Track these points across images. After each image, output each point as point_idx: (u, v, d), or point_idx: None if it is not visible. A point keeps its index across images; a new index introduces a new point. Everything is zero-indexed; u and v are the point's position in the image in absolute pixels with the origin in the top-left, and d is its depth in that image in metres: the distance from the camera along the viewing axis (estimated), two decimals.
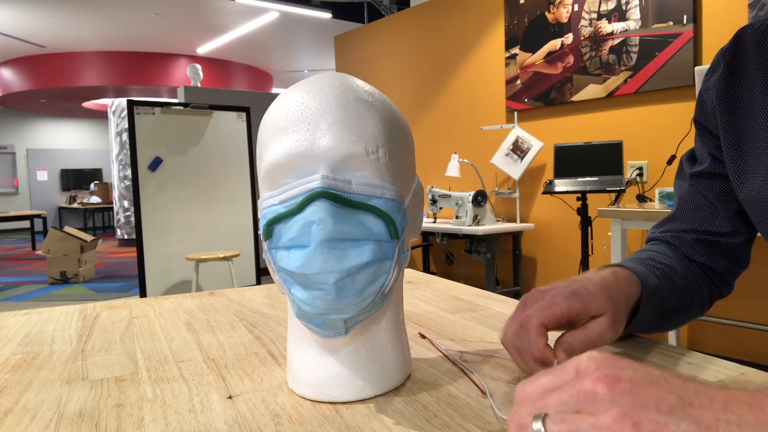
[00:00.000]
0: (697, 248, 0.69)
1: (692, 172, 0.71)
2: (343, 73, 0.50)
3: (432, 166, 4.63)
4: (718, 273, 0.70)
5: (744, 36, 0.65)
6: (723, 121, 0.65)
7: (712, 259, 0.69)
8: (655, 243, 0.73)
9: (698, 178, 0.70)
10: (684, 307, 0.65)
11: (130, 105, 3.91)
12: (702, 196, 0.69)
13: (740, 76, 0.64)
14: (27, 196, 14.22)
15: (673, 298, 0.63)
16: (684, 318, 0.66)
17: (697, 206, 0.70)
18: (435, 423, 0.45)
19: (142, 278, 3.94)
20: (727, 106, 0.64)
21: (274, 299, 0.94)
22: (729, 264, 0.69)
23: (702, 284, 0.68)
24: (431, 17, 4.61)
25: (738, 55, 0.64)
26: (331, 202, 0.43)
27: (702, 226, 0.69)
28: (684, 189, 0.72)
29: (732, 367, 0.55)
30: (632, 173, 3.24)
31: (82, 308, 0.92)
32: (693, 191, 0.71)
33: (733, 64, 0.64)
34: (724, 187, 0.68)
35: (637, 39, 3.21)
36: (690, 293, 0.66)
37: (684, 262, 0.69)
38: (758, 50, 0.62)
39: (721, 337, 2.99)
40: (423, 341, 0.67)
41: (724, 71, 0.65)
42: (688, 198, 0.71)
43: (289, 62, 10.21)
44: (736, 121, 0.64)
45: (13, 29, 7.71)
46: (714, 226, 0.69)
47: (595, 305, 0.52)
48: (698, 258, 0.69)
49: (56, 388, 0.55)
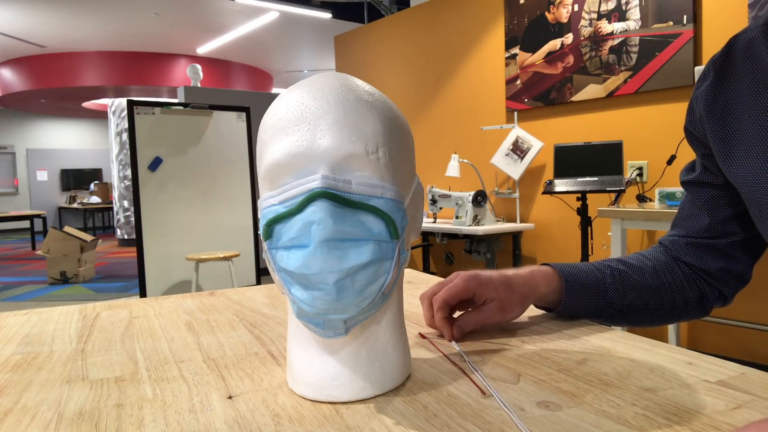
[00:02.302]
0: (688, 251, 0.73)
1: (685, 180, 0.75)
2: (343, 73, 0.50)
3: (432, 166, 4.63)
4: (711, 274, 0.72)
5: (736, 44, 0.65)
6: (711, 129, 0.66)
7: (702, 260, 0.72)
8: (658, 246, 0.79)
9: (690, 186, 0.74)
10: (649, 306, 0.71)
11: (130, 105, 3.91)
12: (692, 203, 0.74)
13: (729, 85, 0.65)
14: (27, 196, 14.22)
15: (628, 295, 0.71)
16: (654, 315, 0.72)
17: (689, 213, 0.75)
18: (435, 423, 0.45)
19: (142, 278, 3.94)
20: (716, 114, 0.65)
21: (274, 299, 0.94)
22: (724, 265, 0.71)
23: (688, 285, 0.72)
24: (431, 17, 4.61)
25: (728, 64, 0.65)
26: (331, 202, 0.43)
27: (692, 232, 0.74)
28: (684, 196, 0.77)
29: (732, 367, 0.55)
30: (632, 173, 3.24)
31: (82, 308, 0.92)
32: (687, 199, 0.76)
33: (723, 72, 0.65)
34: (712, 194, 0.71)
35: (637, 39, 3.21)
36: (660, 292, 0.72)
37: (670, 264, 0.74)
38: (748, 59, 0.63)
39: (721, 337, 2.99)
40: (423, 341, 0.67)
41: (713, 80, 0.66)
42: (683, 206, 0.77)
43: (289, 62, 10.21)
44: (725, 129, 0.65)
45: (13, 29, 7.71)
46: (702, 232, 0.72)
47: (489, 291, 0.65)
48: (689, 260, 0.73)
49: (56, 388, 0.55)
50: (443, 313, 0.65)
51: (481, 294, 0.65)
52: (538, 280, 0.69)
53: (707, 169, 0.70)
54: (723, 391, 0.49)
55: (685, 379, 0.52)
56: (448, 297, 0.65)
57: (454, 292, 0.65)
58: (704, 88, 0.67)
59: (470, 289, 0.65)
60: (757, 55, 0.62)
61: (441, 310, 0.65)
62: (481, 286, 0.65)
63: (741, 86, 0.63)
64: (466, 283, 0.65)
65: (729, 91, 0.64)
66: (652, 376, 0.53)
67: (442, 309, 0.65)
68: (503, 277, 0.67)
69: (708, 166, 0.70)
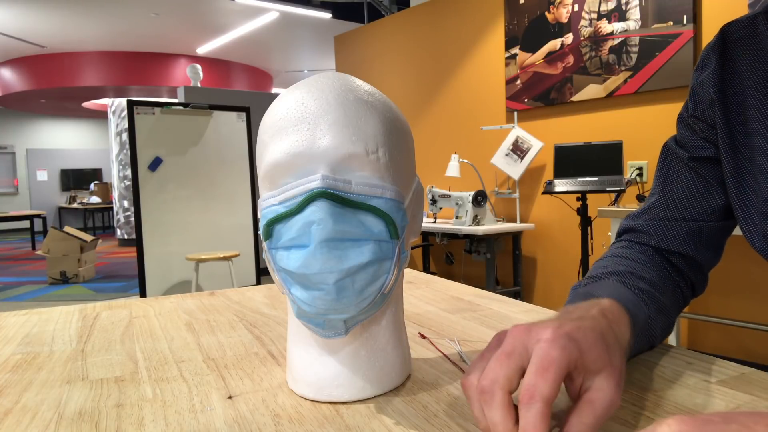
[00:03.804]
0: (684, 239, 0.65)
1: (693, 156, 0.66)
2: (343, 73, 0.50)
3: (432, 166, 4.63)
4: (699, 266, 0.67)
5: (729, 32, 0.64)
6: (720, 114, 0.63)
7: (698, 250, 0.65)
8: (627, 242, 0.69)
9: (699, 162, 0.66)
10: (670, 325, 0.61)
11: (130, 105, 3.91)
12: (702, 179, 0.65)
13: (731, 71, 0.63)
14: (27, 196, 14.22)
15: (660, 322, 0.58)
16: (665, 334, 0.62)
17: (693, 192, 0.65)
18: (435, 423, 0.45)
19: (142, 278, 3.94)
20: (724, 99, 0.63)
21: (274, 299, 0.94)
22: (711, 255, 0.67)
23: (677, 289, 0.64)
24: (431, 17, 4.61)
25: (727, 50, 0.64)
26: (331, 202, 0.43)
27: (694, 214, 0.65)
28: (678, 174, 0.67)
29: (732, 367, 0.55)
30: (632, 173, 3.24)
31: (82, 308, 0.92)
32: (691, 175, 0.66)
33: (724, 58, 0.63)
34: (721, 175, 0.64)
35: (637, 39, 3.21)
36: (672, 307, 0.62)
37: (660, 266, 0.64)
38: (749, 48, 0.62)
39: (721, 337, 2.99)
40: (423, 341, 0.67)
41: (717, 65, 0.64)
42: (682, 184, 0.66)
43: (289, 62, 10.21)
44: (730, 116, 0.63)
45: (13, 29, 7.71)
46: (708, 209, 0.65)
47: (592, 357, 0.39)
48: (684, 250, 0.65)
49: (56, 388, 0.55)
50: (548, 425, 0.35)
51: (584, 365, 0.38)
52: (620, 327, 0.47)
53: (717, 147, 0.64)
54: (723, 391, 0.49)
55: (685, 379, 0.52)
56: (555, 389, 0.36)
57: (559, 375, 0.36)
58: (709, 73, 0.64)
59: (572, 363, 0.38)
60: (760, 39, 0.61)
61: (546, 420, 0.35)
62: (582, 353, 0.38)
63: (743, 74, 0.62)
64: (566, 353, 0.37)
65: (732, 77, 0.62)
66: (652, 376, 0.53)
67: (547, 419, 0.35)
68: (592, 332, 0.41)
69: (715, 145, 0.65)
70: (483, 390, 0.38)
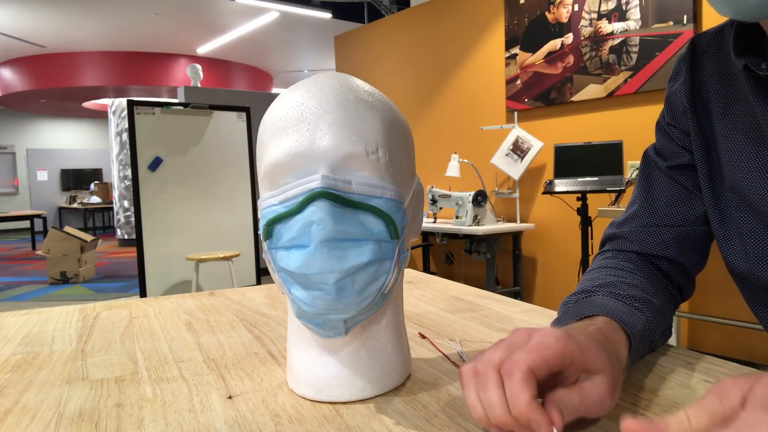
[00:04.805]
0: (670, 244, 0.66)
1: (671, 165, 0.68)
2: (343, 73, 0.50)
3: (432, 166, 4.63)
4: (686, 270, 0.67)
5: (698, 43, 0.66)
6: (693, 122, 0.65)
7: (683, 255, 0.66)
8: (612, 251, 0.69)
9: (678, 171, 0.67)
10: (668, 327, 0.62)
11: (130, 105, 3.91)
12: (682, 187, 0.67)
13: (699, 82, 0.65)
14: (27, 196, 14.22)
15: (659, 325, 0.58)
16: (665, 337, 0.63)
17: (674, 199, 0.67)
18: (435, 423, 0.45)
19: (142, 278, 3.94)
20: (694, 109, 0.65)
21: (274, 299, 0.94)
22: (697, 260, 0.67)
23: (666, 291, 0.65)
24: (431, 17, 4.61)
25: (695, 61, 0.66)
26: (331, 202, 0.43)
27: (677, 220, 0.66)
28: (659, 182, 0.69)
29: (732, 368, 0.55)
30: (632, 173, 3.24)
31: (82, 308, 0.92)
32: (671, 184, 0.68)
33: (693, 69, 0.66)
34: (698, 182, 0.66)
35: (637, 39, 3.21)
36: (667, 308, 0.62)
37: (647, 271, 0.65)
38: (713, 60, 0.64)
39: (722, 337, 2.99)
40: (423, 341, 0.67)
41: (687, 75, 0.66)
42: (664, 192, 0.68)
43: (289, 62, 10.21)
44: (702, 126, 0.65)
45: (13, 29, 7.71)
46: (690, 216, 0.66)
47: (592, 357, 0.40)
48: (670, 254, 0.66)
49: (56, 388, 0.55)
50: (532, 391, 0.37)
51: (583, 361, 0.40)
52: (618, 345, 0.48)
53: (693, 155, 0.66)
54: None
55: (685, 379, 0.52)
56: (540, 364, 0.38)
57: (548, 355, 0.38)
58: (681, 83, 0.67)
59: (568, 355, 0.39)
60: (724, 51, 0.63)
61: (528, 384, 0.37)
62: (582, 351, 0.40)
63: (709, 86, 0.64)
64: (562, 343, 0.39)
65: (700, 87, 0.65)
66: (652, 376, 0.53)
67: (530, 383, 0.37)
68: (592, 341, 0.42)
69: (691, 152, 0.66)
70: (478, 372, 0.39)
